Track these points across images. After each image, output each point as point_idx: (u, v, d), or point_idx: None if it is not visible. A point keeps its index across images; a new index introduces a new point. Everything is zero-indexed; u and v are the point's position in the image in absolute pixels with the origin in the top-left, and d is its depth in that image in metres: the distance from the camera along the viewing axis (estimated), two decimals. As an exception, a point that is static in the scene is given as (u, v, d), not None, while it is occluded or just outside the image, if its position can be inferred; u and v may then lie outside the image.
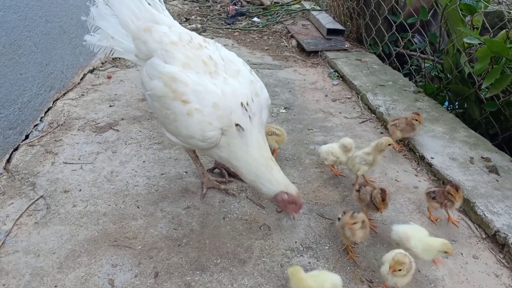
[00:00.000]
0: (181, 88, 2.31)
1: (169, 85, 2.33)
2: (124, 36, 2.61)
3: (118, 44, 2.63)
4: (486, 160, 3.17)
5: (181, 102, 2.30)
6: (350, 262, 2.37)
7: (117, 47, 2.64)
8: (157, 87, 2.37)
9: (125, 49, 2.62)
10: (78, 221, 2.58)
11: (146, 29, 2.50)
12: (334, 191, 2.94)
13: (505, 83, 3.41)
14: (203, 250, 2.41)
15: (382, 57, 5.42)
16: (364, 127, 3.83)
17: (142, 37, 2.50)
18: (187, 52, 2.43)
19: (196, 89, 2.32)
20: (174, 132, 2.44)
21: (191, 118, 2.30)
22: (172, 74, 2.35)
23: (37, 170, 3.00)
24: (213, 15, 7.17)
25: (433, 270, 2.34)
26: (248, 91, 2.45)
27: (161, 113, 2.42)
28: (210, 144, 2.36)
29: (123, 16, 2.56)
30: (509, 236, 2.45)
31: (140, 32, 2.51)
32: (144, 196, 2.81)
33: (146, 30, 2.50)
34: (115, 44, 2.64)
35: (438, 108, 4.03)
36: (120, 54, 2.66)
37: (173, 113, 2.35)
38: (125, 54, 2.64)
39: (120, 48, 2.63)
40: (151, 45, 2.47)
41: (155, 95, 2.39)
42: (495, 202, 2.72)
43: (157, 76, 2.38)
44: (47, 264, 2.28)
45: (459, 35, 3.89)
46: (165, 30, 2.50)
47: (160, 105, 2.40)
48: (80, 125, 3.59)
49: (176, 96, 2.31)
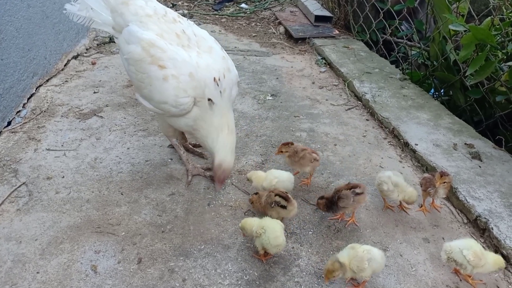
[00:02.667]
0: (159, 54, 2.39)
1: (147, 49, 2.40)
2: (103, 8, 2.68)
3: (97, 15, 2.71)
4: (469, 147, 3.20)
5: (158, 67, 2.39)
6: (333, 247, 2.39)
7: (96, 19, 2.72)
8: (135, 51, 2.44)
9: (103, 21, 2.71)
10: (61, 207, 2.56)
11: (123, 2, 2.57)
12: (319, 177, 2.95)
13: (489, 70, 3.43)
14: (187, 236, 2.41)
15: (370, 44, 5.41)
16: (350, 114, 3.84)
17: (119, 10, 2.57)
18: (161, 25, 2.52)
19: (173, 57, 2.40)
20: (148, 97, 2.51)
21: (167, 83, 2.39)
22: (151, 40, 2.42)
23: (20, 157, 2.96)
24: (200, 0, 7.08)
25: (415, 255, 2.37)
26: (220, 66, 2.54)
27: (136, 77, 2.50)
28: (182, 110, 2.45)
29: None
30: (490, 221, 2.49)
31: (118, 5, 2.58)
32: (128, 183, 2.80)
33: (123, 3, 2.57)
34: (94, 15, 2.71)
35: (423, 95, 4.05)
36: (99, 25, 2.74)
37: (149, 77, 2.42)
38: (103, 25, 2.72)
39: (98, 19, 2.71)
40: (127, 17, 2.54)
41: (132, 58, 2.46)
42: (477, 188, 2.76)
43: (136, 42, 2.45)
44: (29, 250, 2.26)
45: (445, 22, 3.90)
46: (141, 4, 2.57)
47: (136, 69, 2.47)
48: (63, 112, 3.54)
49: (153, 61, 2.39)
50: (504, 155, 3.13)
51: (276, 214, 2.39)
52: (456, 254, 2.11)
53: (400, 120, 3.54)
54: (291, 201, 2.37)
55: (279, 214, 2.39)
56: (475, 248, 2.12)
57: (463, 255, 2.09)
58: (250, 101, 3.95)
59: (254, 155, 3.12)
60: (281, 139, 3.35)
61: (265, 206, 2.40)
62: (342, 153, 3.23)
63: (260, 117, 3.69)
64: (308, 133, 3.47)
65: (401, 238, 2.48)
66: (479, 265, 2.09)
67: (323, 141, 3.38)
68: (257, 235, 2.18)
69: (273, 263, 2.26)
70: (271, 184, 2.56)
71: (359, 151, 3.27)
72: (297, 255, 2.32)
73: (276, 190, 2.42)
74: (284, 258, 2.30)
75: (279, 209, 2.36)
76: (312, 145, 3.29)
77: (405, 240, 2.47)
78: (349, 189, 2.42)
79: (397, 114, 3.65)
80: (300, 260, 2.30)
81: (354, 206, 2.45)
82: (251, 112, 3.76)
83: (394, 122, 3.50)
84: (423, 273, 2.26)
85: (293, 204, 2.38)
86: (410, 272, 2.26)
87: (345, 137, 3.45)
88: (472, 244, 2.14)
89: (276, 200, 2.36)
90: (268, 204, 2.38)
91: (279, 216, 2.39)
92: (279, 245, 2.17)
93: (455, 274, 2.26)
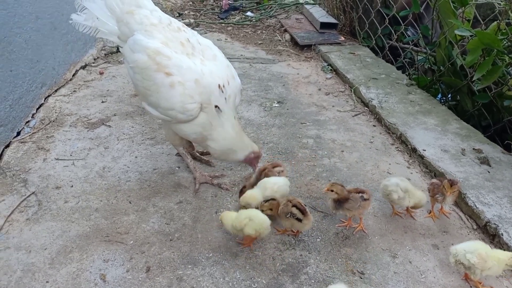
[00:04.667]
0: (165, 61, 2.44)
1: (153, 57, 2.44)
2: (109, 18, 2.70)
3: (103, 25, 2.73)
4: (477, 152, 3.18)
5: (165, 74, 2.43)
6: (341, 254, 2.38)
7: (102, 28, 2.73)
8: (141, 59, 2.47)
9: (109, 31, 2.72)
10: (69, 217, 2.57)
11: (129, 11, 2.60)
12: (326, 184, 2.92)
13: (496, 75, 3.41)
14: (195, 244, 2.41)
15: (376, 50, 5.42)
16: (357, 120, 3.83)
17: (125, 19, 2.60)
18: (166, 34, 2.57)
19: (178, 64, 2.46)
20: (155, 104, 2.54)
21: (173, 89, 2.43)
22: (157, 48, 2.46)
23: (29, 167, 2.99)
24: (206, 10, 7.14)
25: (424, 261, 2.35)
26: (224, 74, 2.60)
27: (142, 84, 2.53)
28: (189, 116, 2.49)
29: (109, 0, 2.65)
30: (500, 226, 2.47)
31: (123, 15, 2.61)
32: (136, 191, 2.81)
33: (129, 13, 2.60)
34: (100, 25, 2.73)
35: (430, 100, 4.04)
36: (104, 34, 2.76)
37: (155, 84, 2.46)
38: (109, 35, 2.74)
39: (104, 29, 2.73)
40: (133, 26, 2.57)
41: (138, 67, 2.50)
42: (486, 193, 2.74)
43: (141, 50, 2.48)
44: (38, 260, 2.28)
45: (451, 27, 3.89)
46: (146, 13, 2.61)
47: (142, 77, 2.50)
48: (72, 121, 3.58)
49: (159, 68, 2.43)
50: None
51: (290, 225, 2.39)
52: (462, 257, 2.11)
53: (407, 126, 3.53)
54: (308, 216, 2.35)
55: (293, 226, 2.39)
56: (480, 250, 2.10)
57: (467, 258, 2.08)
58: (257, 108, 3.96)
59: (261, 162, 3.11)
60: (288, 146, 3.36)
61: (280, 214, 2.39)
62: (349, 160, 3.22)
63: (267, 124, 3.70)
64: (315, 140, 3.47)
65: (410, 245, 2.46)
66: (486, 268, 2.07)
67: (330, 147, 3.37)
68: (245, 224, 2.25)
69: (281, 271, 2.26)
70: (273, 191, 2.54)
71: (366, 157, 3.26)
72: (305, 263, 2.32)
73: (295, 200, 2.38)
74: (293, 266, 2.29)
75: (294, 221, 2.35)
76: (319, 152, 3.29)
77: (414, 246, 2.45)
78: (357, 193, 2.43)
79: (404, 119, 3.64)
80: (309, 267, 2.29)
81: (359, 211, 2.45)
82: (257, 119, 3.77)
83: (402, 128, 3.49)
84: (433, 280, 2.25)
85: (309, 219, 2.36)
86: (420, 279, 2.25)
87: (352, 143, 3.44)
88: (478, 247, 2.12)
89: (292, 211, 2.34)
90: (283, 213, 2.37)
91: (293, 227, 2.40)
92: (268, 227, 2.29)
93: (465, 281, 2.24)
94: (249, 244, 2.40)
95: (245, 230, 2.26)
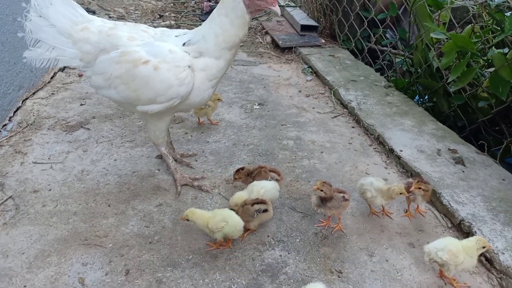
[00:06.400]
0: (135, 55, 2.47)
1: (123, 61, 2.48)
2: (65, 43, 2.60)
3: (62, 52, 2.62)
4: (453, 152, 3.26)
5: (143, 64, 2.45)
6: (320, 254, 2.41)
7: (61, 56, 2.63)
8: (114, 69, 2.50)
9: (70, 56, 2.62)
10: (47, 220, 2.55)
11: (83, 28, 2.59)
12: (306, 185, 2.98)
13: (470, 77, 3.51)
14: (175, 246, 2.42)
15: (355, 52, 5.49)
16: (337, 122, 3.89)
17: (83, 37, 2.57)
18: (127, 29, 2.62)
19: (147, 49, 2.49)
20: (152, 97, 2.52)
21: (160, 71, 2.45)
22: (120, 52, 2.50)
23: (6, 171, 2.95)
24: (187, 11, 7.13)
25: (400, 259, 2.41)
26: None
27: (130, 89, 2.52)
28: (189, 84, 2.49)
29: (62, 25, 2.58)
30: (473, 224, 2.53)
31: (79, 34, 2.58)
32: (115, 194, 2.80)
33: (84, 29, 2.59)
34: (59, 54, 2.62)
35: (407, 102, 4.12)
36: (65, 62, 2.66)
37: (143, 77, 2.47)
38: (70, 61, 2.64)
39: (64, 56, 2.62)
40: (93, 39, 2.56)
41: (116, 77, 2.51)
42: (460, 192, 2.81)
43: (108, 64, 2.52)
44: (16, 264, 2.25)
45: (427, 30, 3.98)
46: (99, 23, 2.64)
47: (126, 83, 2.52)
48: (50, 124, 3.54)
49: (136, 64, 2.46)
50: (486, 159, 3.19)
51: (259, 222, 2.46)
52: (434, 255, 2.16)
53: (385, 127, 3.59)
54: (268, 202, 2.46)
55: (261, 220, 2.46)
56: (450, 246, 2.16)
57: (439, 256, 2.14)
58: (238, 110, 3.98)
59: (241, 164, 3.14)
60: (269, 147, 3.39)
61: (246, 220, 2.40)
62: (328, 161, 3.27)
63: (248, 126, 3.72)
64: (295, 141, 3.51)
65: (387, 244, 2.51)
66: (458, 262, 2.14)
67: (309, 149, 3.41)
68: (220, 229, 2.28)
69: (261, 272, 2.28)
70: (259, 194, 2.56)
71: (345, 158, 3.31)
72: (284, 263, 2.34)
73: (248, 200, 2.45)
74: (272, 266, 2.32)
75: (262, 215, 2.42)
76: (299, 153, 3.33)
77: (390, 245, 2.51)
78: (339, 193, 2.49)
79: (382, 121, 3.70)
80: (288, 267, 2.32)
81: (338, 211, 2.49)
82: (238, 121, 3.79)
83: (379, 129, 3.55)
84: (409, 277, 2.30)
85: (271, 204, 2.47)
86: (396, 277, 2.29)
87: (332, 144, 3.49)
88: (448, 243, 2.19)
89: (256, 208, 2.41)
90: (248, 215, 2.41)
91: (261, 222, 2.47)
92: (241, 229, 2.34)
93: (440, 278, 2.29)
94: (228, 244, 2.42)
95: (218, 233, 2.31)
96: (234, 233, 2.33)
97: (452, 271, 2.17)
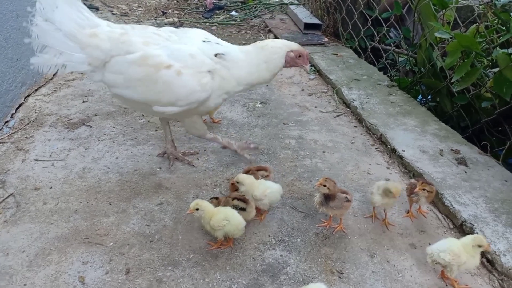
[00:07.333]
0: (158, 59, 2.48)
1: (145, 64, 2.48)
2: (73, 48, 2.54)
3: (69, 57, 2.56)
4: (455, 152, 3.24)
5: (165, 68, 2.47)
6: (321, 254, 2.40)
7: (69, 62, 2.57)
8: (135, 72, 2.50)
9: (77, 61, 2.57)
10: (48, 218, 2.55)
11: (91, 34, 2.54)
12: (307, 184, 2.97)
13: (474, 77, 3.48)
14: (175, 245, 2.41)
15: (358, 51, 5.47)
16: (339, 121, 3.87)
17: (92, 43, 2.53)
18: (139, 33, 2.59)
19: (168, 54, 2.50)
20: (172, 101, 2.56)
21: (183, 76, 2.48)
22: (142, 55, 2.49)
23: (7, 168, 2.95)
24: (190, 8, 7.12)
25: (402, 260, 2.39)
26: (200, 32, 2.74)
27: (150, 92, 2.54)
28: (209, 90, 2.56)
29: (68, 29, 2.52)
30: (475, 226, 2.52)
31: (88, 40, 2.53)
32: (116, 192, 2.80)
33: (92, 36, 2.54)
34: (66, 59, 2.56)
35: (410, 101, 4.10)
36: (73, 67, 2.60)
37: (164, 82, 2.49)
38: (79, 66, 2.59)
39: (71, 61, 2.57)
40: (105, 46, 2.53)
41: (137, 80, 2.52)
42: (462, 193, 2.79)
43: (127, 65, 2.51)
44: (16, 262, 2.25)
45: (431, 29, 3.96)
46: (107, 29, 2.59)
47: (146, 86, 2.53)
48: (52, 122, 3.54)
49: (158, 68, 2.47)
50: (489, 160, 3.17)
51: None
52: (437, 257, 2.15)
53: (387, 127, 3.58)
54: (250, 203, 2.46)
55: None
56: (453, 247, 2.15)
57: (441, 257, 2.13)
58: (240, 109, 3.97)
59: (244, 163, 3.13)
60: (270, 146, 3.38)
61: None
62: (330, 160, 3.25)
63: (250, 124, 3.71)
64: (297, 140, 3.49)
65: (388, 244, 2.50)
66: (461, 262, 2.13)
67: (312, 148, 3.40)
68: (221, 227, 2.28)
69: (262, 271, 2.27)
70: (264, 194, 2.55)
71: (347, 157, 3.30)
72: (285, 263, 2.33)
73: (233, 194, 2.49)
74: (273, 266, 2.31)
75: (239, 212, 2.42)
76: (301, 152, 3.32)
77: (392, 246, 2.49)
78: (342, 193, 2.48)
79: (385, 120, 3.69)
80: (289, 267, 2.31)
81: (340, 211, 2.48)
82: (240, 119, 3.78)
83: (382, 129, 3.54)
84: (410, 278, 2.29)
85: (252, 206, 2.47)
86: (397, 278, 2.28)
87: (334, 144, 3.48)
88: (450, 244, 2.18)
89: (234, 204, 2.43)
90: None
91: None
92: (243, 228, 2.35)
93: (442, 279, 2.28)
94: (229, 244, 2.42)
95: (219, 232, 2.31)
96: (236, 233, 2.33)
97: (454, 271, 2.16)
